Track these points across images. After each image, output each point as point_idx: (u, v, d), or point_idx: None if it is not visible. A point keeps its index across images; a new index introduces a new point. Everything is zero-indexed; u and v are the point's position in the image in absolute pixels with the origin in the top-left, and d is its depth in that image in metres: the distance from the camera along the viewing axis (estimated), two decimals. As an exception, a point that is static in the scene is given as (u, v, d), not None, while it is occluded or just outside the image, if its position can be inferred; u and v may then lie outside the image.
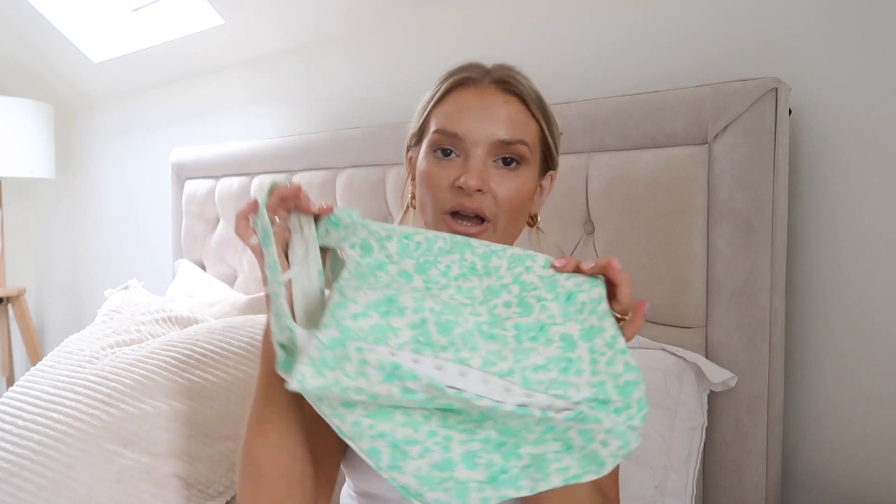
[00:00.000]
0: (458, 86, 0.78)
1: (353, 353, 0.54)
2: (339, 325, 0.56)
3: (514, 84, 0.77)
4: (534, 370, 0.56)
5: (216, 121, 2.18)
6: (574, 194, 1.19)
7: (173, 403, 1.07)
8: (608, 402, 0.56)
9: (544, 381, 0.56)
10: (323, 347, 0.54)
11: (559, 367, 0.57)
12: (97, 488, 0.99)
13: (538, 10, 1.41)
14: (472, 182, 0.72)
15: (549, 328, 0.60)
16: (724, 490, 1.07)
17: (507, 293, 0.63)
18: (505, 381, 0.55)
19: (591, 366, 0.58)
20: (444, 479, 0.56)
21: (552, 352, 0.58)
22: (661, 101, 1.10)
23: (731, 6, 1.16)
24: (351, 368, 0.54)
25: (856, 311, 1.06)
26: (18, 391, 1.16)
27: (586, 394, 0.56)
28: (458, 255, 0.65)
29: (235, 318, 1.27)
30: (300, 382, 0.53)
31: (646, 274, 1.11)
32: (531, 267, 0.64)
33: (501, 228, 0.76)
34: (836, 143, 1.07)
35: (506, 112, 0.76)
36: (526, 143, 0.76)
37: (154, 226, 2.43)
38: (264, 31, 1.91)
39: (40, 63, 2.66)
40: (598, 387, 0.56)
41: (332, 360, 0.54)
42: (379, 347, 0.55)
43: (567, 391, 0.55)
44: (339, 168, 1.60)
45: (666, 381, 1.01)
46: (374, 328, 0.56)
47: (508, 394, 0.55)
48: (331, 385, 0.54)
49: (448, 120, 0.76)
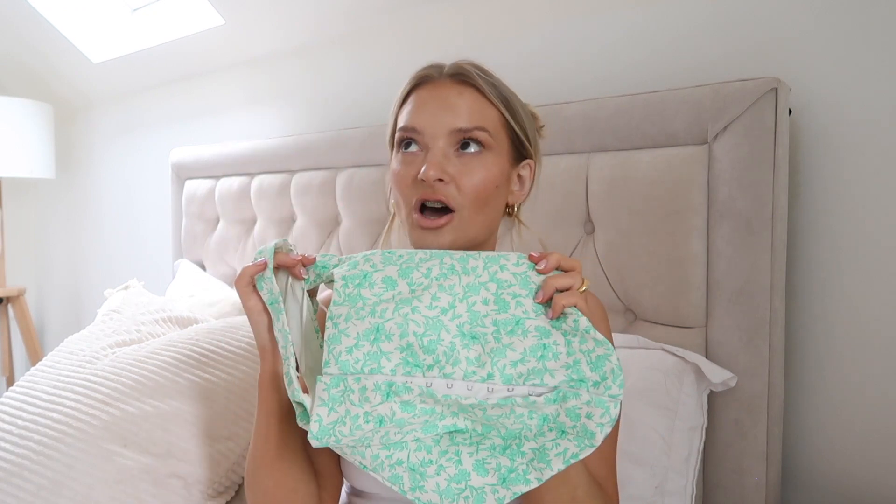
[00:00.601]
0: (417, 86, 0.81)
1: (353, 383, 0.63)
2: (338, 361, 0.64)
3: (468, 76, 0.79)
4: (512, 365, 0.63)
5: (216, 121, 2.18)
6: (574, 194, 1.19)
7: (173, 403, 1.07)
8: (584, 381, 0.62)
9: (523, 373, 0.63)
10: (328, 387, 0.63)
11: (536, 355, 0.63)
12: (97, 488, 0.99)
13: (538, 11, 1.41)
14: (430, 172, 0.74)
15: (524, 322, 0.65)
16: (724, 490, 1.07)
17: (485, 290, 0.67)
18: (486, 384, 0.62)
19: (567, 346, 0.64)
20: (462, 489, 0.64)
21: (528, 342, 0.64)
22: (661, 101, 1.10)
23: (731, 6, 1.16)
24: (354, 397, 0.63)
25: (856, 311, 1.06)
26: (18, 391, 1.16)
27: (561, 377, 0.63)
28: (438, 261, 0.69)
29: (235, 318, 1.27)
30: (318, 422, 0.63)
31: (646, 274, 1.11)
32: (505, 265, 0.68)
33: (468, 217, 0.77)
34: (836, 143, 1.07)
35: (461, 102, 0.77)
36: (485, 128, 0.77)
37: (154, 226, 2.43)
38: (264, 31, 1.91)
39: (40, 63, 2.66)
40: (573, 367, 0.63)
41: (338, 396, 0.63)
42: (374, 377, 0.63)
43: (543, 378, 0.63)
44: (339, 168, 1.60)
45: (666, 381, 1.01)
46: (367, 356, 0.64)
47: (492, 394, 0.62)
48: (343, 417, 0.63)
49: (408, 117, 0.79)
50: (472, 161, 0.77)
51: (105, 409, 1.07)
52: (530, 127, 0.83)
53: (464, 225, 0.77)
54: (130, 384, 1.10)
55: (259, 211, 1.81)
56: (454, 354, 0.63)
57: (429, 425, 0.65)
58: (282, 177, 1.74)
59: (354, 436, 0.63)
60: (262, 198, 1.79)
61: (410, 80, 0.82)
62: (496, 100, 0.79)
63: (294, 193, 1.70)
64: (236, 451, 1.07)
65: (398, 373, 0.63)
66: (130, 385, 1.10)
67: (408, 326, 0.64)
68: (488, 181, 0.77)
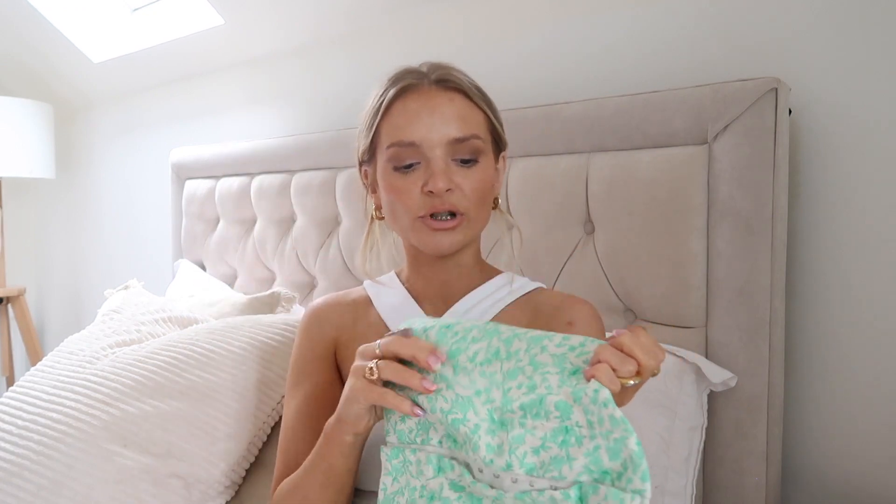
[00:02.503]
0: (400, 95, 0.80)
1: (410, 455, 0.67)
2: (395, 429, 0.69)
3: (454, 80, 0.80)
4: (534, 453, 0.61)
5: (216, 121, 2.18)
6: (574, 194, 1.19)
7: (173, 403, 1.07)
8: (607, 472, 0.58)
9: (545, 461, 0.60)
10: (390, 457, 0.68)
11: (557, 441, 0.60)
12: (97, 488, 0.99)
13: (538, 10, 1.40)
14: (440, 184, 0.77)
15: (545, 399, 0.61)
16: (724, 490, 1.07)
17: (522, 375, 0.65)
18: (509, 474, 0.61)
19: (589, 428, 0.59)
20: None
21: (550, 424, 0.61)
22: (661, 101, 1.10)
23: (731, 6, 1.16)
24: (413, 469, 0.67)
25: (856, 310, 1.06)
26: (18, 391, 1.16)
27: (579, 469, 0.59)
28: (486, 343, 0.68)
29: (235, 318, 1.27)
30: (383, 491, 0.68)
31: (646, 274, 1.11)
32: (546, 346, 0.65)
33: (474, 217, 0.81)
34: (836, 143, 1.07)
35: (453, 109, 0.79)
36: (478, 136, 0.80)
37: (154, 226, 2.43)
38: (264, 31, 1.91)
39: (40, 63, 2.66)
40: (593, 454, 0.59)
41: (400, 466, 0.68)
42: (426, 448, 0.67)
43: (562, 470, 0.59)
44: (339, 168, 1.60)
45: (665, 381, 1.01)
46: (419, 426, 0.67)
47: (515, 484, 0.61)
48: (403, 488, 0.67)
49: (401, 131, 0.79)
50: (471, 169, 0.80)
51: (105, 409, 1.07)
52: (501, 119, 0.87)
53: (471, 225, 0.81)
54: (130, 384, 1.10)
55: (259, 211, 1.81)
56: (474, 439, 0.62)
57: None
58: (282, 177, 1.74)
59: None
60: (262, 198, 1.79)
61: (389, 85, 0.82)
62: (482, 102, 0.81)
63: (294, 193, 1.70)
64: (236, 451, 1.07)
65: (444, 445, 0.66)
66: (130, 385, 1.10)
67: (436, 402, 0.64)
68: (486, 183, 0.81)
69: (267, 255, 1.80)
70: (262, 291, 1.60)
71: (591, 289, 1.17)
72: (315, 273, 1.68)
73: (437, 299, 0.88)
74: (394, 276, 0.93)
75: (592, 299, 1.17)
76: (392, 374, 0.66)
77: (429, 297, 0.89)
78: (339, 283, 1.60)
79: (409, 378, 0.65)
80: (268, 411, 1.12)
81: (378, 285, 0.93)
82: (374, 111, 0.83)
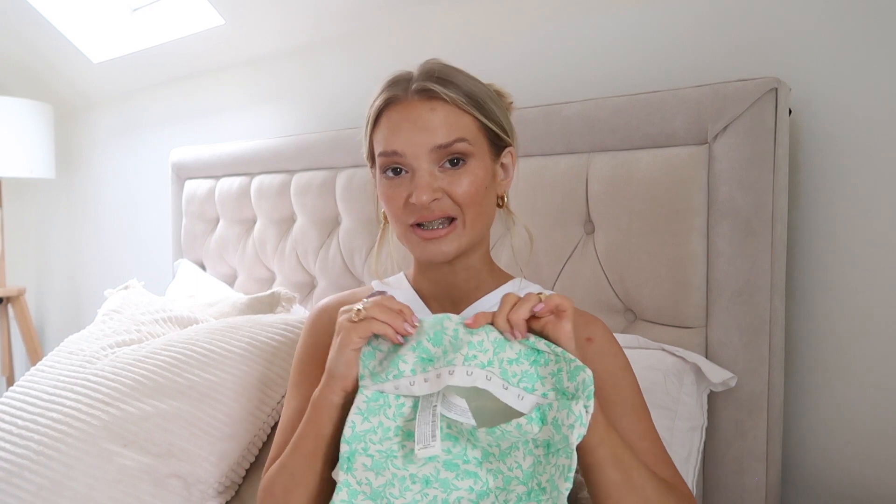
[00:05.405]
0: (385, 107, 0.82)
1: (393, 400, 0.70)
2: (370, 372, 0.72)
3: (434, 91, 0.79)
4: (509, 363, 0.68)
5: (216, 121, 2.18)
6: (574, 194, 1.19)
7: (173, 403, 1.07)
8: (565, 393, 0.67)
9: (517, 373, 0.68)
10: (369, 399, 0.71)
11: (530, 359, 0.68)
12: (97, 488, 0.99)
13: (538, 10, 1.41)
14: (422, 198, 0.77)
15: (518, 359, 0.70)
16: (724, 490, 1.07)
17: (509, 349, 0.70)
18: (486, 371, 0.66)
19: (554, 355, 0.68)
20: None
21: (523, 347, 0.69)
22: (660, 101, 1.10)
23: (730, 6, 1.16)
24: (390, 412, 0.70)
25: (856, 310, 1.06)
26: (18, 391, 1.16)
27: (549, 385, 0.67)
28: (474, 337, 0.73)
29: (235, 318, 1.27)
30: (352, 428, 0.70)
31: (646, 274, 1.11)
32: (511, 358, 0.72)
33: (471, 220, 0.81)
34: (836, 143, 1.07)
35: (434, 118, 0.79)
36: (464, 139, 0.79)
37: (154, 226, 2.43)
38: (264, 31, 1.91)
39: (40, 63, 2.66)
40: (557, 375, 0.67)
41: (376, 408, 0.70)
42: (397, 381, 0.69)
43: (534, 384, 0.68)
44: (339, 168, 1.60)
45: (666, 381, 1.01)
46: (391, 364, 0.70)
47: (489, 382, 0.66)
48: (375, 427, 0.70)
49: (387, 142, 0.81)
50: (459, 172, 0.80)
51: (105, 408, 1.07)
52: (502, 114, 0.85)
53: (468, 228, 0.81)
54: (130, 384, 1.10)
55: (259, 211, 1.81)
56: (458, 340, 0.68)
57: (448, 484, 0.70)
58: (282, 177, 1.74)
59: (383, 446, 0.69)
60: (262, 198, 1.79)
61: (378, 94, 0.83)
62: (468, 106, 0.80)
63: (294, 193, 1.70)
64: (236, 451, 1.07)
65: (417, 371, 0.69)
66: (130, 385, 1.10)
67: (420, 338, 0.70)
68: (478, 185, 0.80)
69: (267, 255, 1.80)
70: (262, 291, 1.60)
71: (590, 289, 1.17)
72: (315, 273, 1.68)
73: (444, 300, 0.89)
74: (402, 276, 0.94)
75: (592, 299, 1.17)
76: (378, 311, 0.70)
77: (437, 298, 0.89)
78: (339, 283, 1.60)
79: (393, 317, 0.70)
80: (268, 411, 1.12)
81: (386, 286, 0.93)
82: (367, 120, 0.85)
